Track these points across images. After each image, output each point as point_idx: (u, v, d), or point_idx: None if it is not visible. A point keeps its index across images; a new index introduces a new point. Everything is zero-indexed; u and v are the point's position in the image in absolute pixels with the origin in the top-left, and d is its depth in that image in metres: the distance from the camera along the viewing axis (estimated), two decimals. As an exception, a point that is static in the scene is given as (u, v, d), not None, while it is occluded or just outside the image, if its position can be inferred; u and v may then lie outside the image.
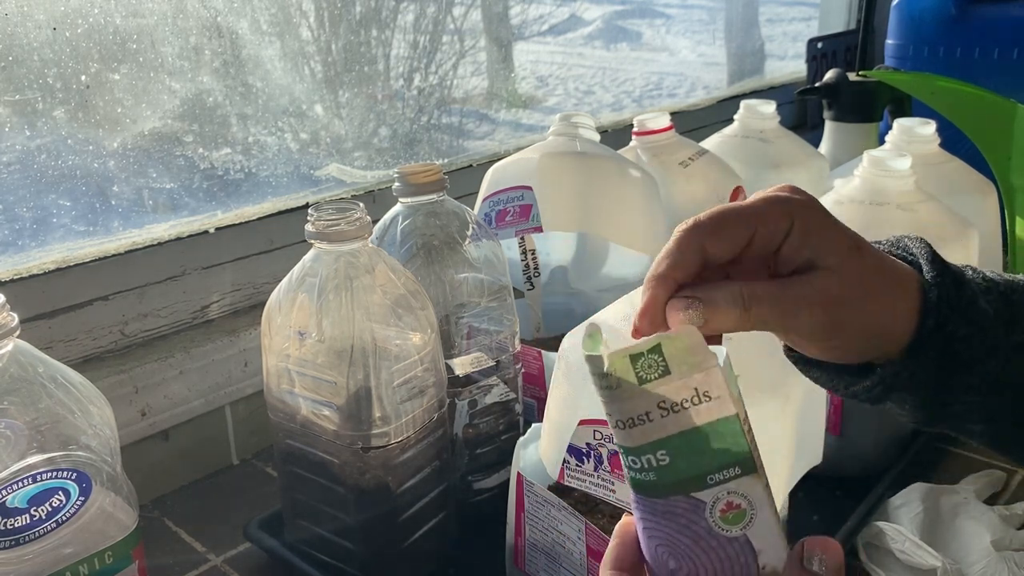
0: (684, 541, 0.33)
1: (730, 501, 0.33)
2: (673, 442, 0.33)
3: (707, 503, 0.33)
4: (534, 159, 0.83)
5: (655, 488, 0.33)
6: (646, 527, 0.35)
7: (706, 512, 0.33)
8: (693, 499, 0.33)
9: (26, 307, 0.75)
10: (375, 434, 0.61)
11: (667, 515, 0.33)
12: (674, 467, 0.33)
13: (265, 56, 0.96)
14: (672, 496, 0.33)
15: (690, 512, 0.33)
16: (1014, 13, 1.24)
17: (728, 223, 0.40)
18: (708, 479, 0.33)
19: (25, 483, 0.50)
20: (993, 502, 0.76)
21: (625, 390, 0.33)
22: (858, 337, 0.40)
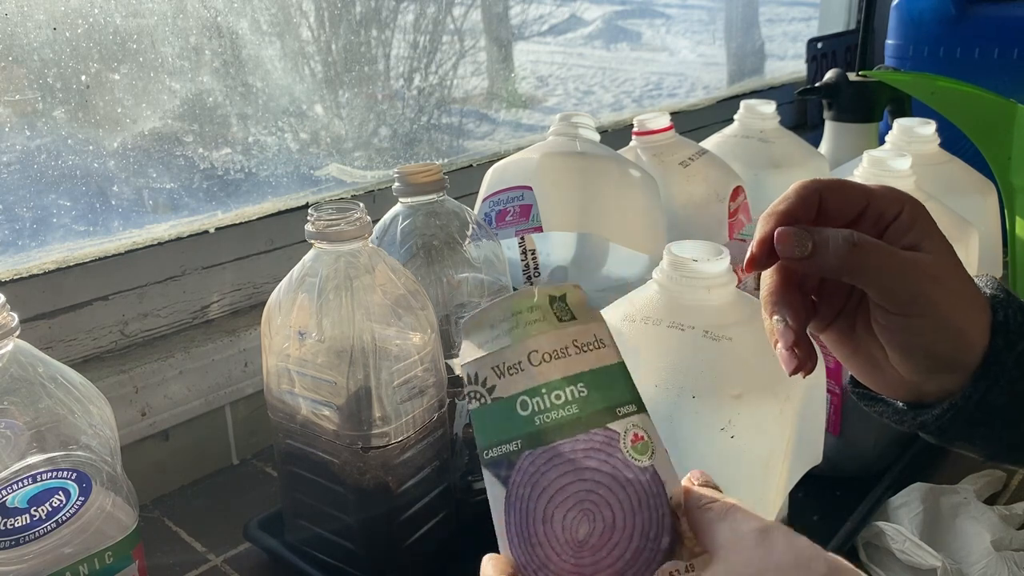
0: (602, 481, 0.34)
1: (636, 433, 0.35)
2: (587, 377, 0.35)
3: (620, 433, 0.35)
4: (534, 159, 0.83)
5: (578, 423, 0.35)
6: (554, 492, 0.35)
7: (620, 443, 0.35)
8: (610, 430, 0.35)
9: (26, 307, 0.75)
10: (375, 434, 0.61)
11: (587, 453, 0.35)
12: (591, 399, 0.35)
13: (265, 56, 0.96)
14: (593, 429, 0.35)
15: (607, 444, 0.35)
16: (1014, 13, 1.24)
17: (847, 188, 0.42)
18: (617, 411, 0.35)
19: (25, 483, 0.50)
20: (993, 502, 0.76)
21: (548, 324, 0.36)
22: (942, 327, 0.41)
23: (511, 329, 0.36)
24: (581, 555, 0.34)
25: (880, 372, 0.44)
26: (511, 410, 0.36)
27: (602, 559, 0.34)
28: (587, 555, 0.34)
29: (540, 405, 0.35)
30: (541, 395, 0.35)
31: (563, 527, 0.35)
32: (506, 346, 0.36)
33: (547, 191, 0.81)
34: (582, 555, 0.34)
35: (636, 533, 0.34)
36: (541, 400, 0.35)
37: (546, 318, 0.36)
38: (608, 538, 0.34)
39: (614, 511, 0.34)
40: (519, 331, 0.36)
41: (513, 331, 0.36)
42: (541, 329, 0.36)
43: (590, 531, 0.34)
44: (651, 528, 0.34)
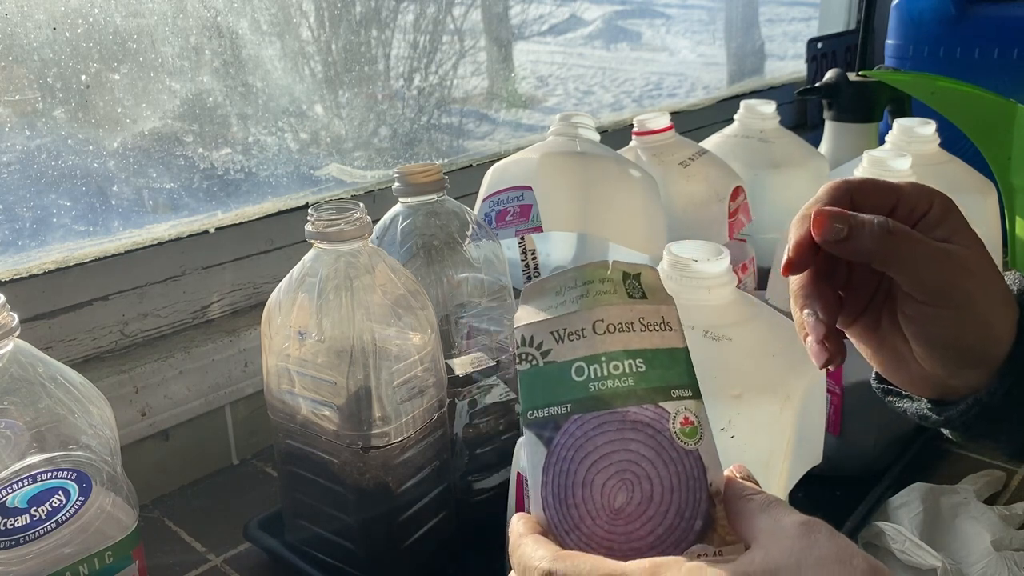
0: (646, 455, 0.35)
1: (686, 417, 0.36)
2: (647, 354, 0.36)
3: (671, 413, 0.36)
4: (534, 159, 0.83)
5: (631, 395, 0.36)
6: (598, 458, 0.35)
7: (669, 422, 0.36)
8: (661, 408, 0.36)
9: (26, 307, 0.75)
10: (375, 434, 0.61)
11: (635, 426, 0.35)
12: (648, 376, 0.36)
13: (265, 56, 0.96)
14: (645, 403, 0.36)
15: (657, 421, 0.36)
16: (1014, 13, 1.24)
17: (877, 186, 0.43)
18: (672, 392, 0.36)
19: (25, 483, 0.50)
20: (993, 502, 0.76)
21: (618, 297, 0.37)
22: (969, 320, 0.41)
23: (580, 297, 0.37)
24: (615, 523, 0.35)
25: (905, 367, 0.45)
26: (565, 374, 0.36)
27: (635, 530, 0.35)
28: (621, 524, 0.35)
29: (597, 373, 0.36)
30: (600, 363, 0.36)
31: (601, 493, 0.35)
32: (572, 312, 0.37)
33: (547, 191, 0.81)
34: (616, 523, 0.35)
35: (671, 510, 0.35)
36: (599, 368, 0.36)
37: (617, 291, 0.37)
38: (644, 510, 0.35)
39: (653, 485, 0.35)
40: (588, 299, 0.37)
41: (582, 299, 0.37)
42: (611, 301, 0.37)
43: (627, 500, 0.35)
44: (687, 508, 0.35)
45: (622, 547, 0.35)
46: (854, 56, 1.44)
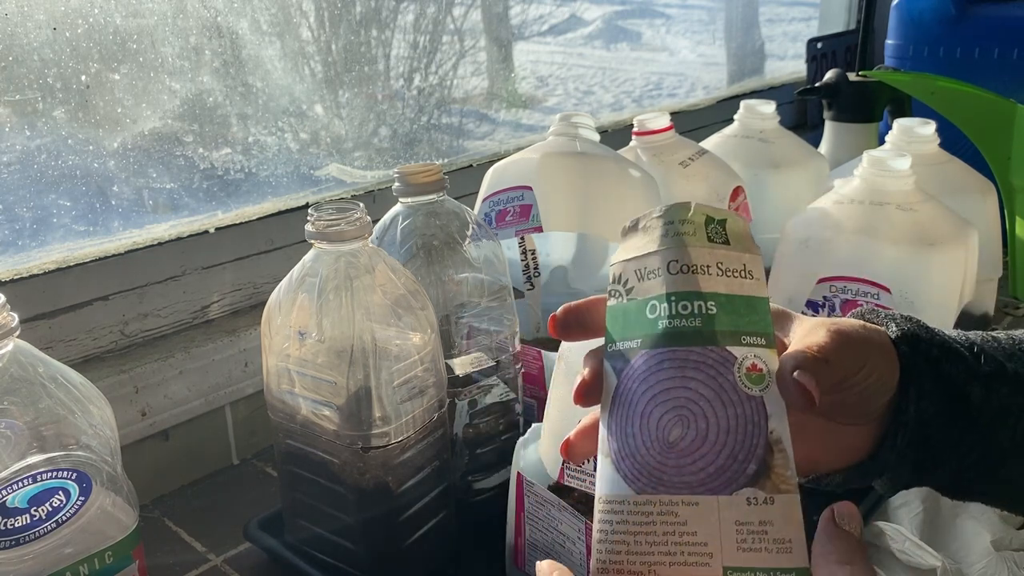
0: (704, 395, 0.36)
1: (755, 364, 0.36)
2: (721, 298, 0.36)
3: (738, 358, 0.36)
4: (534, 159, 0.83)
5: (697, 336, 0.36)
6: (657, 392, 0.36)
7: (735, 367, 0.36)
8: (727, 351, 0.36)
9: (26, 307, 0.75)
10: (375, 434, 0.61)
11: (697, 366, 0.36)
12: (718, 319, 0.36)
13: (265, 56, 0.96)
14: (710, 346, 0.36)
15: (720, 364, 0.36)
16: (1014, 13, 1.24)
17: None
18: (743, 338, 0.36)
19: (25, 483, 0.50)
20: (993, 502, 0.76)
21: (697, 239, 0.37)
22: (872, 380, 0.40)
23: (661, 236, 0.38)
24: (668, 455, 0.36)
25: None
26: (641, 311, 0.37)
27: (686, 465, 0.35)
28: (673, 457, 0.36)
29: (667, 311, 0.37)
30: (670, 302, 0.37)
31: (658, 425, 0.36)
32: (651, 251, 0.38)
33: (547, 191, 0.82)
34: (668, 456, 0.36)
35: (724, 452, 0.35)
36: (669, 306, 0.37)
37: (696, 233, 0.37)
38: (696, 448, 0.35)
39: (708, 425, 0.35)
40: (667, 239, 0.37)
41: (663, 238, 0.38)
42: (688, 242, 0.37)
43: (681, 436, 0.36)
44: (740, 452, 0.35)
45: (672, 479, 0.35)
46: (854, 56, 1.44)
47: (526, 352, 0.80)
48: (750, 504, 0.34)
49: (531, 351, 0.80)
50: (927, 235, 0.74)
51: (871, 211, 0.76)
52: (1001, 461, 0.43)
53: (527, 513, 0.62)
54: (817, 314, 0.76)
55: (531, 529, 0.62)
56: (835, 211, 0.78)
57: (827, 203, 0.79)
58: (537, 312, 0.89)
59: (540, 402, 0.83)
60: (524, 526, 0.63)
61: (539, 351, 0.80)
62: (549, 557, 0.61)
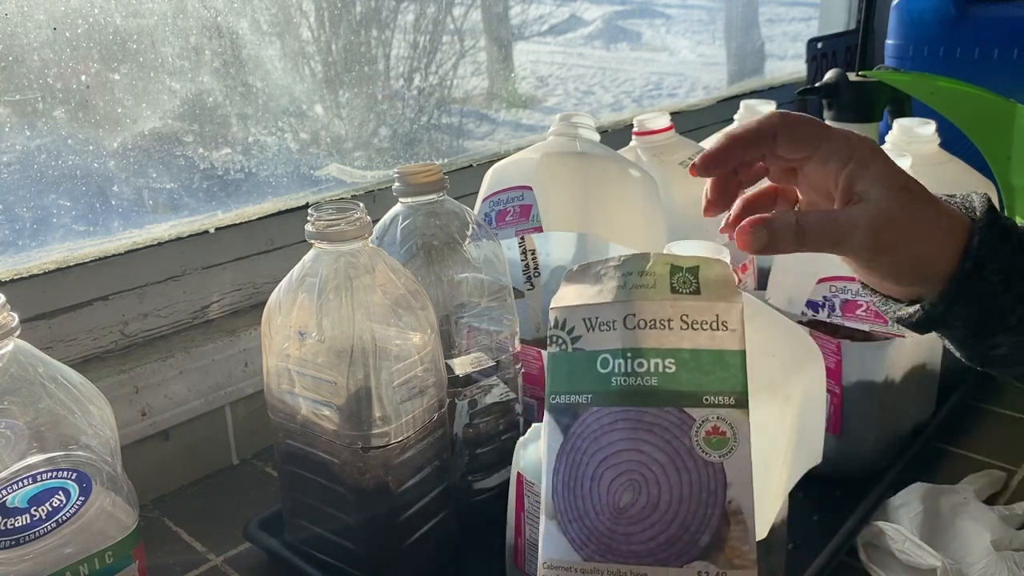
0: (658, 459, 0.34)
1: (717, 426, 0.34)
2: (683, 355, 0.34)
3: (696, 421, 0.34)
4: (534, 159, 0.83)
5: (651, 396, 0.34)
6: (609, 454, 0.34)
7: (692, 430, 0.34)
8: (685, 413, 0.34)
9: (26, 307, 0.75)
10: (375, 434, 0.61)
11: (651, 428, 0.34)
12: (677, 378, 0.34)
13: (265, 56, 0.96)
14: (667, 406, 0.34)
15: (677, 427, 0.34)
16: (1014, 13, 1.24)
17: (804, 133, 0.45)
18: (704, 399, 0.34)
19: (25, 483, 0.50)
20: (993, 502, 0.76)
21: (657, 292, 0.35)
22: (904, 262, 0.44)
23: (618, 288, 0.36)
24: (617, 522, 0.34)
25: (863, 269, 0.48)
26: (591, 364, 0.35)
27: (635, 533, 0.34)
28: (623, 524, 0.34)
29: (621, 368, 0.35)
30: (625, 358, 0.35)
31: (608, 490, 0.34)
32: (606, 302, 0.35)
33: (547, 191, 0.81)
34: (618, 522, 0.34)
35: (676, 521, 0.34)
36: (624, 363, 0.35)
37: (657, 286, 0.35)
38: (647, 515, 0.34)
39: (660, 491, 0.34)
40: (624, 291, 0.35)
41: (619, 289, 0.36)
42: (648, 296, 0.35)
43: (632, 502, 0.34)
44: (693, 522, 0.33)
45: (620, 548, 0.34)
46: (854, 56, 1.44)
47: (526, 352, 0.80)
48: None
49: (531, 351, 0.80)
50: (927, 235, 0.74)
51: (871, 211, 0.76)
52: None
53: (527, 513, 0.62)
54: (817, 314, 0.76)
55: (531, 529, 0.62)
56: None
57: (827, 203, 0.79)
58: (537, 312, 0.89)
59: (540, 402, 0.83)
60: (524, 526, 0.63)
61: (539, 351, 0.80)
62: None
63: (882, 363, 0.75)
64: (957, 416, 0.88)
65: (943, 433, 0.85)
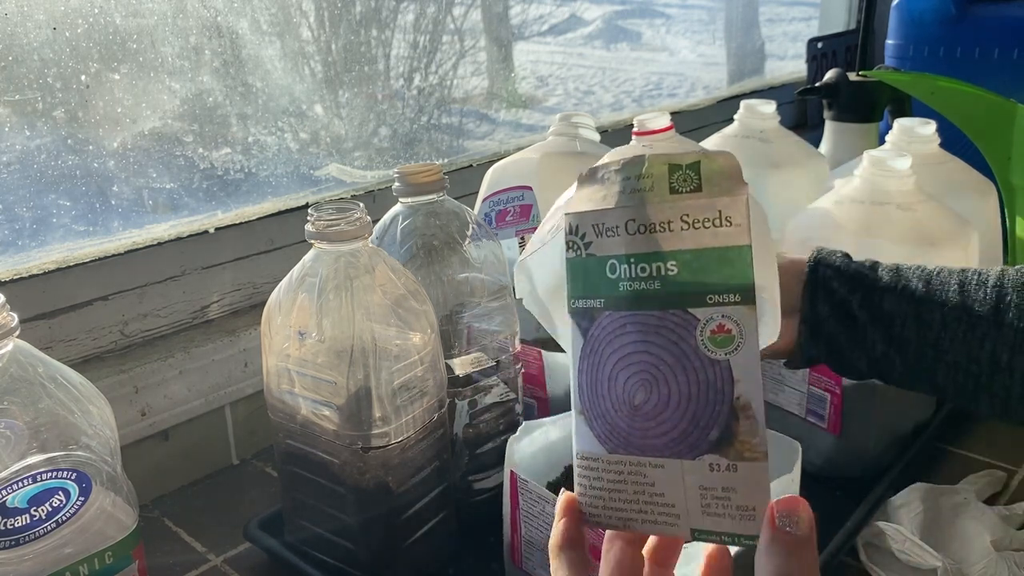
0: (666, 360, 0.35)
1: (722, 324, 0.34)
2: (685, 256, 0.34)
3: (701, 320, 0.34)
4: (534, 159, 0.83)
5: (655, 299, 0.35)
6: (622, 356, 0.36)
7: (697, 330, 0.34)
8: (689, 314, 0.34)
9: (26, 307, 0.75)
10: (375, 434, 0.61)
11: (658, 331, 0.35)
12: (679, 279, 0.34)
13: (265, 56, 0.96)
14: (670, 309, 0.34)
15: (682, 327, 0.34)
16: (1014, 13, 1.24)
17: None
18: (708, 298, 0.34)
19: (25, 483, 0.50)
20: (993, 502, 0.76)
21: (655, 195, 0.35)
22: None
23: (619, 192, 0.36)
24: (635, 419, 0.36)
25: None
26: (601, 269, 0.36)
27: (651, 428, 0.35)
28: (639, 420, 0.35)
29: (626, 273, 0.35)
30: (629, 263, 0.35)
31: (623, 389, 0.36)
32: (608, 208, 0.36)
33: (547, 191, 0.81)
34: (635, 419, 0.36)
35: (686, 417, 0.35)
36: (628, 268, 0.35)
37: (655, 188, 0.35)
38: (660, 412, 0.35)
39: (670, 390, 0.35)
40: (625, 196, 0.35)
41: (620, 195, 0.36)
42: (647, 199, 0.35)
43: (645, 400, 0.35)
44: (703, 418, 0.34)
45: (639, 442, 0.36)
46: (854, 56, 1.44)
47: (526, 352, 0.80)
48: (712, 470, 0.34)
49: (531, 351, 0.80)
50: (927, 235, 0.74)
51: (871, 211, 0.76)
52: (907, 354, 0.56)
53: (522, 511, 0.62)
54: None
55: (527, 527, 0.62)
56: (835, 211, 0.78)
57: (827, 203, 0.79)
58: (537, 312, 0.89)
59: (540, 402, 0.83)
60: (520, 523, 0.63)
61: (539, 351, 0.80)
62: (546, 553, 0.61)
63: (882, 363, 0.75)
64: (957, 416, 0.88)
65: (943, 433, 0.85)
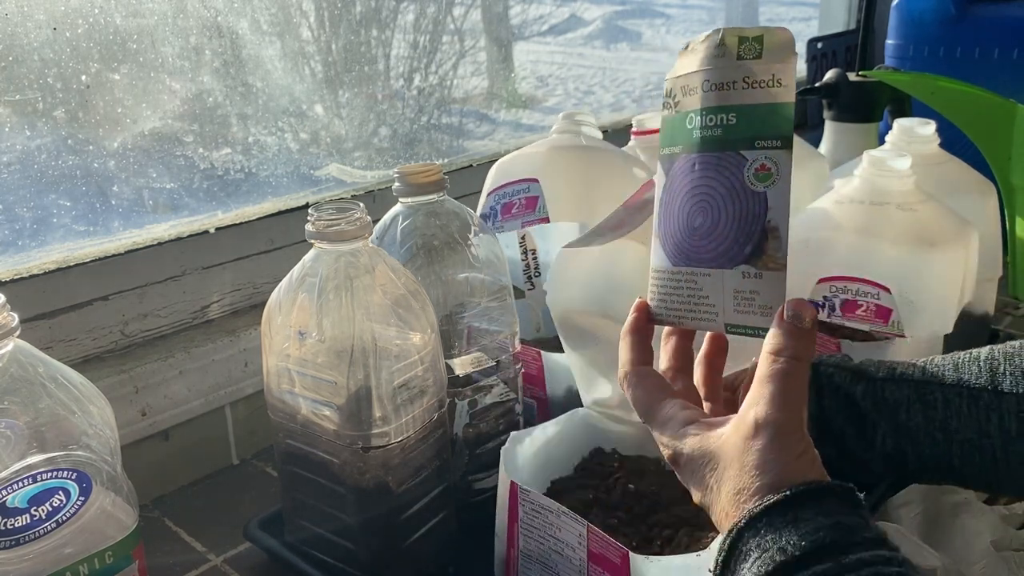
0: (720, 191, 0.45)
1: (764, 164, 0.44)
2: (744, 109, 0.44)
3: (749, 160, 0.44)
4: (540, 152, 0.83)
5: (717, 142, 0.45)
6: (689, 189, 0.46)
7: (745, 167, 0.44)
8: (740, 155, 0.44)
9: (26, 307, 0.75)
10: (375, 434, 0.61)
11: (716, 168, 0.45)
12: (737, 127, 0.44)
13: (265, 56, 0.96)
14: (727, 150, 0.45)
15: (734, 165, 0.44)
16: (1014, 13, 1.24)
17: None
18: (756, 143, 0.44)
19: (25, 483, 0.50)
20: (993, 502, 0.76)
21: (727, 60, 0.44)
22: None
23: (701, 59, 0.45)
24: (692, 238, 0.46)
25: None
26: (682, 122, 0.46)
27: (703, 246, 0.46)
28: (695, 239, 0.46)
29: (698, 123, 0.45)
30: (701, 115, 0.45)
31: (687, 214, 0.46)
32: (692, 71, 0.46)
33: (554, 182, 0.82)
34: (692, 238, 0.46)
35: (730, 236, 0.45)
36: (700, 119, 0.45)
37: (727, 55, 0.44)
38: (711, 232, 0.45)
39: (720, 215, 0.45)
40: (705, 61, 0.45)
41: (702, 60, 0.45)
42: (719, 64, 0.44)
43: (702, 223, 0.46)
44: (741, 236, 0.44)
45: (694, 256, 0.46)
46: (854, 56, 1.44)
47: (526, 352, 0.80)
48: (744, 277, 0.44)
49: (531, 351, 0.80)
50: (927, 235, 0.74)
51: (871, 211, 0.76)
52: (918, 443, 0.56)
53: (521, 523, 0.61)
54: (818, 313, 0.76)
55: (525, 539, 0.61)
56: (835, 211, 0.78)
57: (827, 203, 0.79)
58: (537, 312, 0.89)
59: (540, 402, 0.83)
60: (518, 536, 0.62)
61: (539, 351, 0.80)
62: (545, 566, 0.60)
63: (882, 363, 0.75)
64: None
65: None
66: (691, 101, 0.46)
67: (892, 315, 0.78)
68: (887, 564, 0.37)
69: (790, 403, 0.41)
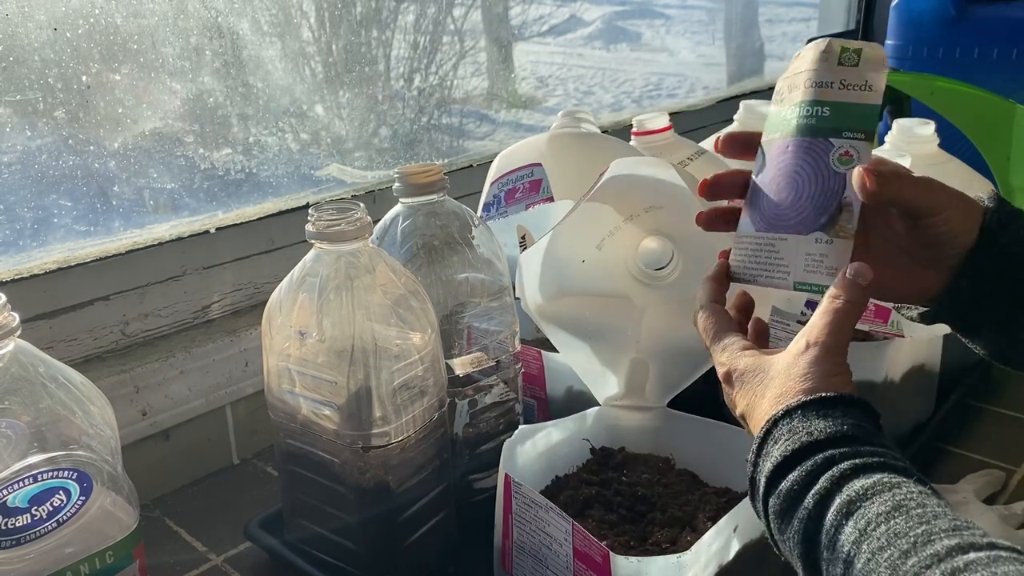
0: (807, 170, 0.52)
1: (848, 151, 0.51)
2: (837, 105, 0.51)
3: (835, 146, 0.51)
4: (543, 139, 0.84)
5: (810, 129, 0.52)
6: (780, 167, 0.53)
7: (831, 152, 0.51)
8: (829, 142, 0.51)
9: (27, 307, 0.75)
10: (375, 434, 0.61)
11: (807, 150, 0.52)
12: (829, 119, 0.51)
13: (266, 56, 0.96)
14: (818, 137, 0.51)
15: (822, 149, 0.51)
16: (1014, 13, 1.24)
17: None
18: (843, 133, 0.51)
19: (26, 483, 0.50)
20: (993, 502, 0.76)
21: (829, 64, 0.52)
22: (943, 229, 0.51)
23: (809, 61, 0.53)
24: (779, 208, 0.53)
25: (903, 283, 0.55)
26: (786, 112, 0.53)
27: (786, 215, 0.52)
28: (782, 209, 0.52)
29: (797, 113, 0.52)
30: (800, 106, 0.52)
31: (777, 189, 0.53)
32: (799, 72, 0.53)
33: (557, 165, 0.82)
34: (779, 208, 0.53)
35: (810, 208, 0.51)
36: (799, 110, 0.52)
37: (829, 60, 0.52)
38: (795, 203, 0.52)
39: (804, 189, 0.51)
40: (811, 63, 0.52)
41: (809, 62, 0.53)
42: (822, 67, 0.52)
43: (788, 195, 0.52)
44: (819, 207, 0.51)
45: (776, 223, 0.53)
46: (854, 56, 1.43)
47: (526, 352, 0.80)
48: (816, 242, 0.51)
49: (531, 351, 0.80)
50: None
51: (871, 211, 0.76)
52: None
53: (515, 515, 0.62)
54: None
55: (518, 531, 0.62)
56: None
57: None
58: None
59: (540, 402, 0.83)
60: (512, 528, 0.62)
61: (539, 351, 0.80)
62: (537, 559, 0.60)
63: (881, 363, 0.75)
64: (956, 416, 0.88)
65: (942, 433, 0.85)
66: (794, 96, 0.53)
67: (892, 315, 0.78)
68: (896, 460, 0.44)
69: (839, 332, 0.48)
